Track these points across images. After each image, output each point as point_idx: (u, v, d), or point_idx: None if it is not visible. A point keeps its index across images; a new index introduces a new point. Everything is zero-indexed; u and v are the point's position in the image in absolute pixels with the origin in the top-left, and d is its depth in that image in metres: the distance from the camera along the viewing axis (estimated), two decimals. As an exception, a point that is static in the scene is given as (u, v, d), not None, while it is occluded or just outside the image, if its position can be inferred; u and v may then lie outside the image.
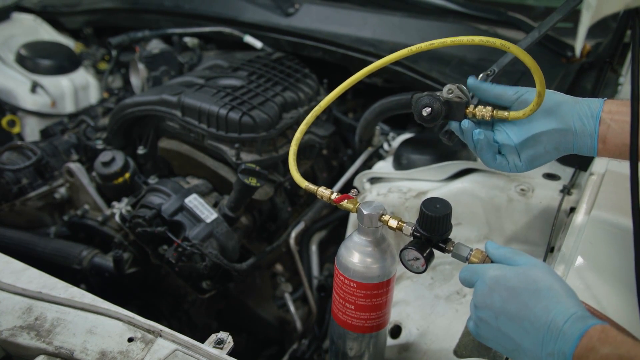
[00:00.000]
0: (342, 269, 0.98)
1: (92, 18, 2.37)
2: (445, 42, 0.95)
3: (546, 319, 0.73)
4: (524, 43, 1.08)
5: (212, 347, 0.88)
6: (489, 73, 1.06)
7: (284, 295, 1.71)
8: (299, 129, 1.08)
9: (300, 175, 1.01)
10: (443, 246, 0.91)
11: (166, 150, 1.67)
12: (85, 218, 1.65)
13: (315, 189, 1.00)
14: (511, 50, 0.89)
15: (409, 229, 0.92)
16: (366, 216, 0.94)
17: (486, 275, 0.81)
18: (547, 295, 0.75)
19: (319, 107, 1.09)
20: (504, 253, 0.84)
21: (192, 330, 1.70)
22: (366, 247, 0.96)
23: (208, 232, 1.42)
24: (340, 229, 1.82)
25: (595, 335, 0.69)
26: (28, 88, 2.05)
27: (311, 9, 2.04)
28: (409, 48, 0.98)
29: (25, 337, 0.91)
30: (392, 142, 1.78)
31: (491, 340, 0.82)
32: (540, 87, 0.89)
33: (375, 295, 0.98)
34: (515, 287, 0.77)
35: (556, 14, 1.08)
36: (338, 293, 1.01)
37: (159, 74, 1.92)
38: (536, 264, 0.80)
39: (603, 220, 1.08)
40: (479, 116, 0.97)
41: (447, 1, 2.05)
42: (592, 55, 1.84)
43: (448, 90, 0.99)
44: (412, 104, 1.01)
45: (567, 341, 0.70)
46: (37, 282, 1.01)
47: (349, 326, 1.03)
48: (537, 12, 2.23)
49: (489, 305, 0.79)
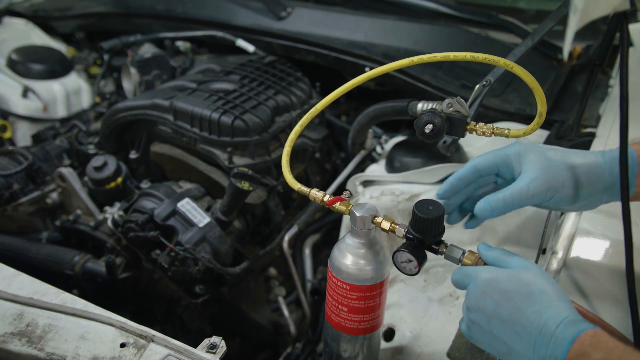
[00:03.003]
0: (335, 272, 0.98)
1: (84, 22, 2.36)
2: (447, 57, 0.95)
3: (538, 323, 0.73)
4: (517, 52, 1.09)
5: (205, 352, 0.88)
6: (484, 84, 1.07)
7: (277, 299, 1.70)
8: (293, 131, 1.08)
9: (292, 177, 1.01)
10: (436, 248, 0.91)
11: (158, 155, 1.66)
12: (77, 223, 1.64)
13: (307, 191, 1.00)
14: (515, 70, 0.90)
15: (401, 231, 0.92)
16: (359, 218, 0.94)
17: (478, 277, 0.81)
18: (539, 298, 0.75)
19: (315, 110, 1.09)
20: (496, 255, 0.84)
21: (185, 335, 1.70)
22: (359, 249, 0.96)
23: (201, 236, 1.42)
24: (333, 232, 1.82)
25: (587, 341, 0.69)
26: (19, 93, 2.04)
27: (303, 13, 2.04)
28: (410, 58, 0.98)
29: (16, 343, 0.90)
30: (385, 145, 1.78)
31: (483, 343, 0.82)
32: (541, 108, 0.91)
33: (368, 297, 0.98)
34: (507, 290, 0.77)
35: (548, 21, 1.09)
36: (331, 295, 1.01)
37: (151, 78, 1.92)
38: (528, 266, 0.80)
39: (594, 222, 1.08)
40: (480, 133, 0.99)
41: (438, 4, 2.07)
42: (582, 58, 1.86)
43: (448, 105, 0.99)
44: (415, 123, 1.01)
45: (559, 346, 0.70)
46: (28, 288, 1.00)
47: (342, 328, 1.03)
48: (528, 15, 2.25)
49: (482, 309, 0.79)
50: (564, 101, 1.63)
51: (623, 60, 0.85)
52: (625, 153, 0.82)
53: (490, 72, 1.09)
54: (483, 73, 1.10)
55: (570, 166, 0.86)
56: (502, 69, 1.03)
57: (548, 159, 0.86)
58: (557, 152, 0.88)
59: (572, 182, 0.86)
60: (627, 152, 0.82)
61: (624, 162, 0.82)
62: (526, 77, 0.89)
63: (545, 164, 0.86)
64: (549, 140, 1.42)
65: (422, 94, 1.73)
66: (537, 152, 0.87)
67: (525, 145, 0.89)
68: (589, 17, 0.67)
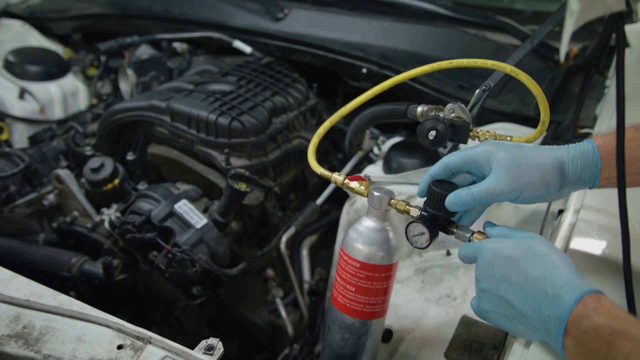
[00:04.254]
0: (347, 249, 1.00)
1: (80, 24, 2.36)
2: (461, 63, 1.02)
3: (544, 285, 0.76)
4: (517, 56, 1.10)
5: (202, 353, 0.88)
6: (484, 88, 1.08)
7: (275, 300, 1.70)
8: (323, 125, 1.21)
9: (317, 163, 1.09)
10: (448, 227, 0.94)
11: (155, 156, 1.66)
12: (74, 225, 1.64)
13: (330, 174, 1.07)
14: (520, 77, 0.93)
15: (416, 211, 0.96)
16: (376, 197, 0.97)
17: (486, 248, 0.84)
18: (544, 261, 0.78)
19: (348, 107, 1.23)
20: (502, 230, 0.89)
21: (183, 337, 1.69)
22: (373, 229, 0.99)
23: (198, 237, 1.41)
24: (330, 233, 1.82)
25: (591, 304, 0.71)
26: (16, 94, 2.03)
27: (300, 14, 2.04)
28: (430, 65, 1.05)
29: (13, 345, 0.90)
30: (382, 146, 1.78)
31: (492, 311, 0.84)
32: (544, 116, 0.94)
33: (377, 279, 1.00)
34: (513, 256, 0.81)
35: (546, 24, 1.10)
36: (340, 275, 1.03)
37: (148, 79, 1.91)
38: (533, 235, 0.84)
39: (591, 220, 1.08)
40: (482, 139, 1.00)
41: (435, 6, 2.07)
42: (579, 59, 1.86)
43: (450, 110, 1.01)
44: (418, 129, 1.04)
45: (563, 306, 0.72)
46: (25, 290, 1.00)
47: (347, 310, 1.04)
48: (525, 16, 2.25)
49: (491, 275, 0.82)
50: (561, 102, 1.64)
51: (619, 61, 0.86)
52: (621, 153, 0.83)
53: (489, 76, 1.10)
54: (479, 74, 1.11)
55: (537, 165, 0.88)
56: (501, 73, 1.04)
57: (515, 160, 0.88)
58: (524, 152, 0.89)
59: (538, 181, 0.88)
60: (623, 153, 0.83)
61: (621, 162, 0.83)
62: (531, 84, 0.91)
63: (512, 165, 0.88)
64: (546, 140, 1.42)
65: (419, 95, 1.73)
66: (506, 152, 0.89)
67: (494, 145, 0.91)
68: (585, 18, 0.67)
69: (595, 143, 0.89)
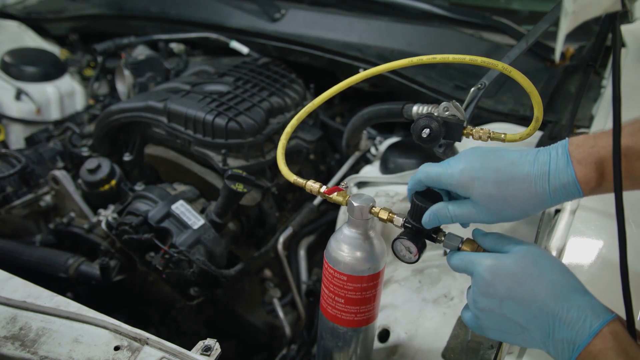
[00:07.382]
0: (332, 262, 0.97)
1: (77, 24, 2.35)
2: (446, 59, 0.96)
3: (554, 304, 0.74)
4: (512, 54, 1.10)
5: (199, 354, 0.88)
6: (479, 86, 1.07)
7: (272, 301, 1.70)
8: (289, 124, 1.12)
9: (288, 170, 1.02)
10: (434, 236, 0.91)
11: (152, 157, 1.66)
12: (71, 226, 1.64)
13: (304, 182, 1.01)
14: (512, 74, 0.91)
15: (399, 220, 0.92)
16: (356, 208, 0.93)
17: (482, 265, 0.81)
18: (551, 278, 0.76)
19: (312, 105, 1.12)
20: (494, 241, 0.85)
21: (181, 338, 1.69)
22: (356, 240, 0.96)
23: (195, 238, 1.41)
24: (328, 233, 1.82)
25: (609, 342, 0.70)
26: (13, 95, 2.03)
27: (297, 14, 2.04)
28: (409, 59, 0.99)
29: (9, 347, 0.90)
30: (379, 146, 1.78)
31: (493, 329, 0.82)
32: (538, 112, 0.92)
33: (365, 289, 0.98)
34: (517, 273, 0.78)
35: (542, 23, 1.10)
36: (327, 287, 1.01)
37: (145, 80, 1.91)
38: (530, 247, 0.81)
39: (587, 222, 1.09)
40: (476, 137, 0.99)
41: (432, 6, 2.07)
42: (575, 59, 1.87)
43: (444, 108, 1.00)
44: (412, 127, 1.02)
45: (581, 334, 0.71)
46: (21, 291, 1.00)
47: (338, 320, 1.03)
48: (522, 16, 2.26)
49: (492, 294, 0.79)
50: (557, 102, 1.64)
51: (615, 60, 0.86)
52: (618, 153, 0.82)
53: (485, 75, 1.10)
54: (476, 74, 1.11)
55: (517, 203, 0.83)
56: (497, 71, 1.03)
57: (493, 198, 0.83)
58: (502, 189, 0.83)
59: (519, 214, 0.84)
60: (620, 152, 0.82)
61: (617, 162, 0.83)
62: (523, 81, 0.90)
63: (491, 204, 0.83)
64: (542, 141, 1.42)
65: (416, 95, 1.73)
66: (483, 188, 0.83)
67: (470, 177, 0.84)
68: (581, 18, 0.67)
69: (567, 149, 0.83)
